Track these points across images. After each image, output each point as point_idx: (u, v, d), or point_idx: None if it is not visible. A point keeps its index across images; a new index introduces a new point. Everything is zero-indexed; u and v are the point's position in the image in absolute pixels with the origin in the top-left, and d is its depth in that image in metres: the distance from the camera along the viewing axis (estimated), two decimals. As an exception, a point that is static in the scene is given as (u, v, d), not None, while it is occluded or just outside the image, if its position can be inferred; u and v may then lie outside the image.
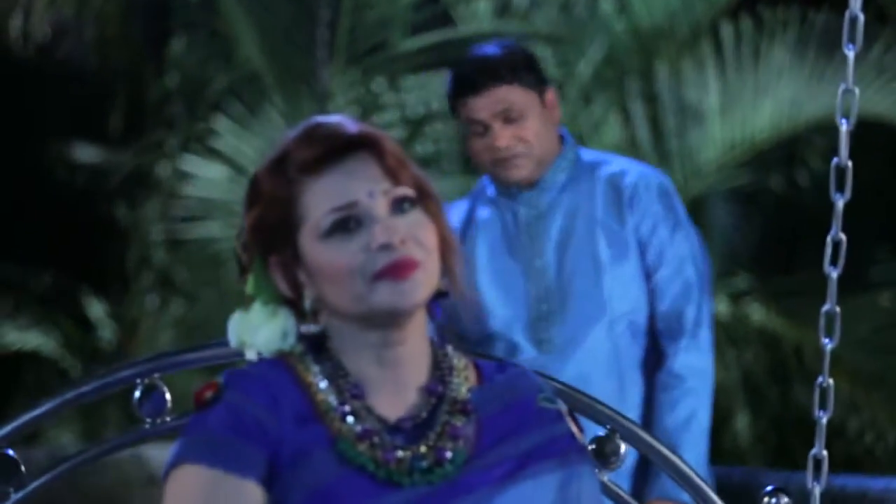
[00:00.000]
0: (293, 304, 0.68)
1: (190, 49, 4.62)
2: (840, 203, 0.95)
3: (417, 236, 0.64)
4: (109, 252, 4.57)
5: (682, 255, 2.00)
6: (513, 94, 1.97)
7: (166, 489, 0.63)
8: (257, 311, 0.69)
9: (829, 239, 0.95)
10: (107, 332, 4.31)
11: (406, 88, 4.37)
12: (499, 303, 2.03)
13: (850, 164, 0.94)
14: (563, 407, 0.71)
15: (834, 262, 0.96)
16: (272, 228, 0.66)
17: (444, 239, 0.68)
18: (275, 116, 4.30)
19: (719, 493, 0.97)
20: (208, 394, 0.64)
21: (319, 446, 0.63)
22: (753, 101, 4.30)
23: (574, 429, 0.70)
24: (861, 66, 3.95)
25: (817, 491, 0.92)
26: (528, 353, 1.99)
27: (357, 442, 0.63)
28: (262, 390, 0.64)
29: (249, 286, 0.69)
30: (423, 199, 0.67)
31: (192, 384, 0.75)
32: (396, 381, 0.67)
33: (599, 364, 1.97)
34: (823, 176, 2.55)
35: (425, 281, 0.64)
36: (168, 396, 0.88)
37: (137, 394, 0.88)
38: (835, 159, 0.95)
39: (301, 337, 0.68)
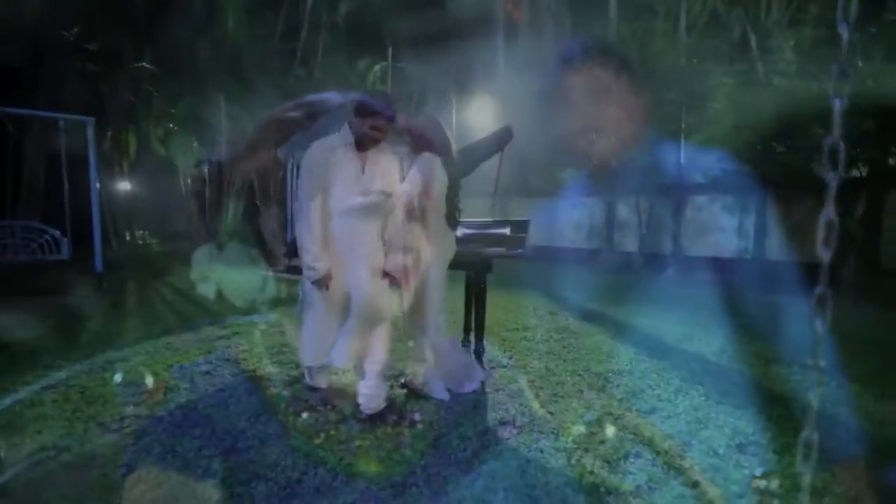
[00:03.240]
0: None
1: (179, 25, 4.59)
2: (833, 183, 0.93)
3: None
4: (92, 231, 4.53)
5: None
6: None
7: None
8: None
9: (821, 219, 0.93)
10: (91, 316, 4.28)
11: (400, 67, 4.32)
12: None
13: (842, 144, 0.92)
14: None
15: (827, 244, 0.94)
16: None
17: None
18: (269, 91, 4.24)
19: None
20: None
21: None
22: (761, 84, 4.26)
23: None
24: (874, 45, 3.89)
25: (808, 475, 0.91)
26: None
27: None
28: None
29: None
30: None
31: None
32: None
33: None
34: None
35: None
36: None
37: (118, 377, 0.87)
38: (829, 139, 0.94)
39: None
